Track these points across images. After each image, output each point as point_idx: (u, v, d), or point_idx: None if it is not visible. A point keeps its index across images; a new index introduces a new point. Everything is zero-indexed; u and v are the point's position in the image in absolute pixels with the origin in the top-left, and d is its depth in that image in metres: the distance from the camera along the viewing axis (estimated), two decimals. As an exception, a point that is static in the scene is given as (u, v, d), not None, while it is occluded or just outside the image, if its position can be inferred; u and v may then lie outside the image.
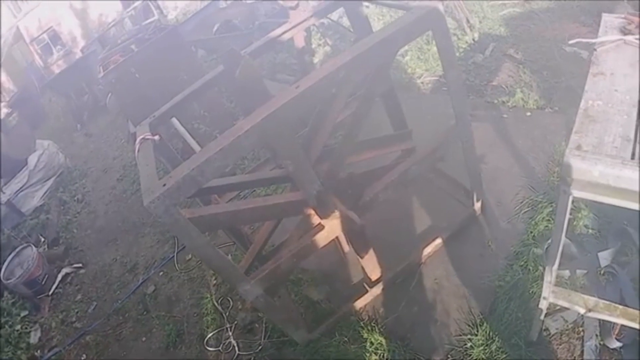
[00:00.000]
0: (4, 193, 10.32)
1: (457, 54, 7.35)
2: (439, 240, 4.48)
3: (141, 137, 3.57)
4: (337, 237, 3.81)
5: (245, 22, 11.17)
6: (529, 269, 3.91)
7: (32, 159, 10.70)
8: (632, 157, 2.02)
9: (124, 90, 7.09)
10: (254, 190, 6.32)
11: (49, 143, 11.67)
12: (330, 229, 3.58)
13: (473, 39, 7.56)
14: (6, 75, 30.91)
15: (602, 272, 3.66)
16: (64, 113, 17.07)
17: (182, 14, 23.15)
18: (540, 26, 7.24)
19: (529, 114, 5.62)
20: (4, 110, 14.23)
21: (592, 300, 2.78)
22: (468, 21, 7.75)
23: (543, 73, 6.18)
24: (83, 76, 14.91)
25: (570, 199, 2.23)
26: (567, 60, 6.15)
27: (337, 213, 3.46)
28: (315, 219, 3.60)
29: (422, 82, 7.25)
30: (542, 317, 3.20)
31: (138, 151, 3.51)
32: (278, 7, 9.89)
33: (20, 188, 10.41)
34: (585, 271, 3.72)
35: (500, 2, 8.33)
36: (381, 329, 4.11)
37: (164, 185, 2.75)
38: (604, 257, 3.71)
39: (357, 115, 3.49)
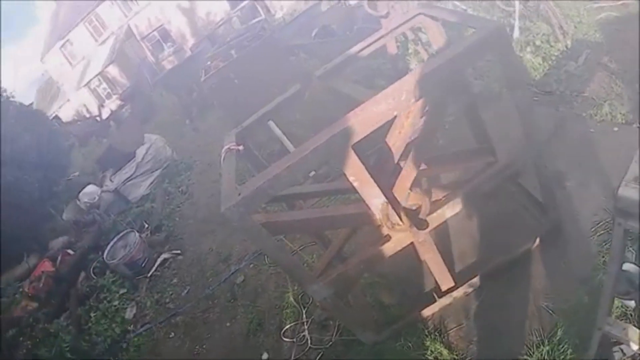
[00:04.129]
0: (112, 182, 11.27)
1: (549, 63, 7.21)
2: (510, 256, 4.50)
3: (226, 147, 3.95)
4: (413, 245, 3.99)
5: (343, 27, 11.39)
6: (595, 295, 3.71)
7: (140, 152, 11.62)
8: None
9: (223, 94, 7.56)
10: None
11: (157, 137, 12.56)
12: (397, 241, 3.77)
13: (566, 46, 7.36)
14: (119, 70, 33.32)
15: None
16: (175, 108, 18.15)
17: (289, 14, 23.65)
18: (637, 32, 6.84)
19: (616, 129, 5.42)
20: (117, 103, 15.46)
21: None
22: (561, 27, 7.54)
23: (636, 85, 5.84)
24: (192, 74, 15.69)
25: (624, 231, 2.17)
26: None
27: (402, 226, 3.64)
28: (385, 229, 3.80)
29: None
30: (595, 347, 3.09)
31: (223, 160, 3.88)
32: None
33: (128, 178, 11.34)
34: None
35: (597, 4, 7.99)
36: (443, 340, 4.24)
37: (239, 194, 3.10)
38: None
39: (425, 132, 3.63)
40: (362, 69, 9.25)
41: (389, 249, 3.79)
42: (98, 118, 25.19)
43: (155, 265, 8.38)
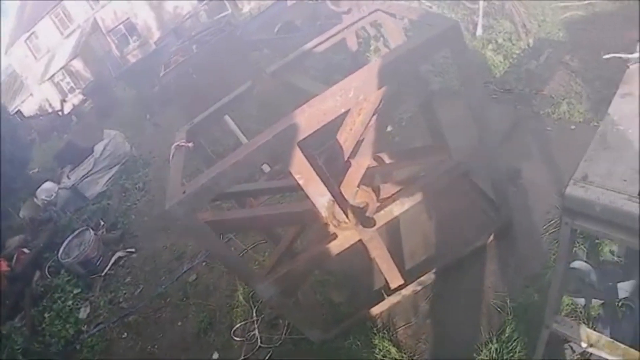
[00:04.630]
0: (69, 179, 11.04)
1: (510, 61, 7.26)
2: (461, 253, 4.50)
3: (176, 144, 3.85)
4: (362, 242, 3.95)
5: (306, 23, 11.37)
6: (544, 293, 3.71)
7: (98, 148, 11.40)
8: (640, 194, 1.81)
9: (181, 90, 7.47)
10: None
11: (116, 133, 12.36)
12: (344, 239, 3.73)
13: (528, 45, 7.42)
14: (83, 64, 32.76)
15: (620, 304, 3.45)
16: (135, 103, 17.90)
17: (256, 8, 23.53)
18: (601, 32, 6.92)
19: (573, 127, 5.47)
20: (80, 97, 15.25)
21: (595, 335, 2.68)
22: (524, 26, 7.60)
23: (595, 83, 5.93)
24: (154, 69, 15.47)
25: (571, 230, 2.15)
26: (623, 70, 5.91)
27: (349, 224, 3.59)
28: (332, 227, 3.74)
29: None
30: (543, 345, 3.08)
31: (172, 157, 3.79)
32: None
33: (86, 174, 11.13)
34: (602, 301, 3.52)
35: (563, 4, 8.06)
36: (392, 338, 4.22)
37: (184, 192, 3.01)
38: (624, 289, 3.44)
39: (375, 129, 3.59)
40: (322, 64, 9.22)
41: (336, 246, 3.74)
42: (60, 113, 24.69)
43: (110, 264, 8.27)
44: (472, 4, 8.69)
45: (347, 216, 3.54)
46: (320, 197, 3.34)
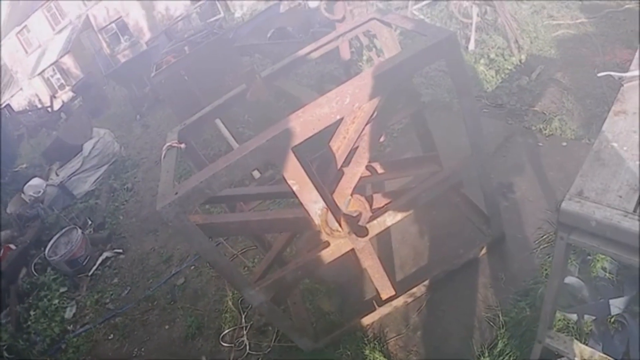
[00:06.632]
0: (57, 175, 10.92)
1: (502, 76, 7.30)
2: (452, 266, 4.49)
3: (167, 144, 3.81)
4: (354, 252, 3.92)
5: (299, 30, 11.36)
6: (536, 308, 3.80)
7: (87, 146, 11.29)
8: (635, 210, 1.84)
9: (172, 91, 7.42)
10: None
11: (105, 132, 12.25)
12: (336, 248, 3.70)
13: (520, 61, 7.48)
14: (74, 61, 32.54)
15: (612, 320, 3.43)
16: (125, 102, 17.77)
17: (248, 13, 23.55)
18: (592, 50, 7.04)
19: (564, 144, 5.49)
20: (70, 94, 15.16)
21: (588, 350, 2.68)
22: (517, 42, 7.65)
23: (586, 101, 6.02)
24: (145, 69, 15.41)
25: (566, 245, 2.14)
26: (614, 89, 5.97)
27: (341, 233, 3.57)
28: (324, 235, 3.72)
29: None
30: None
31: (163, 157, 3.75)
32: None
33: (74, 172, 11.01)
34: (594, 317, 3.50)
35: (555, 22, 8.18)
36: (383, 349, 4.18)
37: (176, 193, 2.98)
38: (616, 305, 3.40)
39: (369, 138, 3.58)
40: (313, 73, 9.20)
41: (327, 255, 3.71)
42: (49, 109, 24.48)
43: (97, 264, 8.15)
44: (465, 18, 8.73)
45: (339, 225, 3.53)
46: (314, 204, 3.32)
